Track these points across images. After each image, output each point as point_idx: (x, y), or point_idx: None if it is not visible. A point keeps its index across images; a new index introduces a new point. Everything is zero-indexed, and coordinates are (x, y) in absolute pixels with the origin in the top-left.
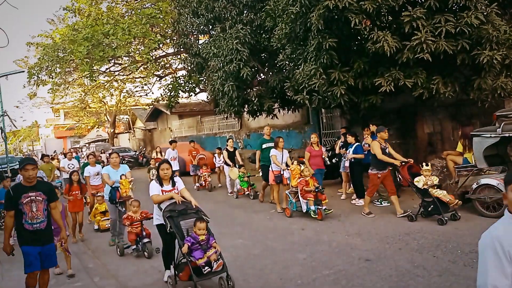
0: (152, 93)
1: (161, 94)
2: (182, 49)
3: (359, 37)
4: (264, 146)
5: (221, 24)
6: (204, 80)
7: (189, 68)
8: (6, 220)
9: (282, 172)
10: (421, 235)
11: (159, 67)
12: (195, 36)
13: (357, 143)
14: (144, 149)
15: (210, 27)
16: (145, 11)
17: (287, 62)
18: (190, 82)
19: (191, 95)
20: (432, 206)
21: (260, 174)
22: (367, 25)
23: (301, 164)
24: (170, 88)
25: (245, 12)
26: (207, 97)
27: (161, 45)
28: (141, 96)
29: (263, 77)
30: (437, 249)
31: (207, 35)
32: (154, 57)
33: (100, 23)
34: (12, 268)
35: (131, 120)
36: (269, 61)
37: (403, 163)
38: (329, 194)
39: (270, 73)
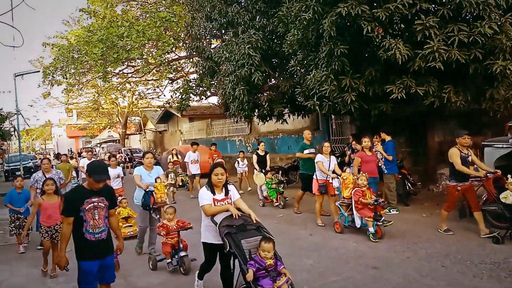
0: (164, 95)
1: (171, 96)
2: (194, 53)
3: (371, 45)
4: (306, 151)
5: (233, 28)
6: (215, 84)
7: (201, 71)
8: (64, 229)
9: (330, 181)
10: (430, 244)
11: (172, 70)
12: (207, 40)
13: None
14: (155, 150)
15: (223, 31)
16: (160, 14)
17: (298, 67)
18: (202, 86)
19: (202, 98)
20: None
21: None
22: (379, 32)
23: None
24: (181, 91)
25: (257, 17)
26: (218, 100)
27: (174, 49)
28: (153, 98)
29: (274, 82)
30: (446, 259)
31: (219, 40)
32: (167, 60)
33: (115, 25)
34: (20, 266)
35: (142, 122)
36: (280, 66)
37: (489, 174)
38: None
39: (281, 78)
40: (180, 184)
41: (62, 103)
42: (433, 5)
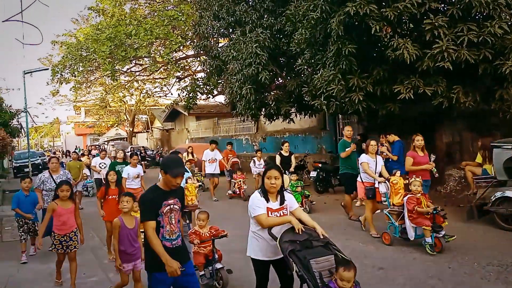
0: (171, 94)
1: (179, 94)
2: (202, 52)
3: (379, 44)
4: (348, 149)
5: (241, 27)
6: (223, 82)
7: (208, 70)
8: (150, 234)
9: (376, 185)
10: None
11: (179, 69)
12: (215, 39)
13: None
14: (162, 148)
15: (231, 30)
16: (167, 13)
17: (305, 67)
18: (209, 84)
19: (209, 97)
20: None
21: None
22: (388, 32)
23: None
24: (188, 90)
25: (265, 16)
26: (225, 99)
27: (181, 47)
28: (160, 96)
29: (281, 81)
30: (453, 261)
31: (227, 38)
32: (174, 59)
33: (123, 23)
34: (28, 261)
35: (149, 120)
36: (287, 65)
37: None
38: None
39: (288, 78)
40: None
41: (70, 100)
42: (442, 5)
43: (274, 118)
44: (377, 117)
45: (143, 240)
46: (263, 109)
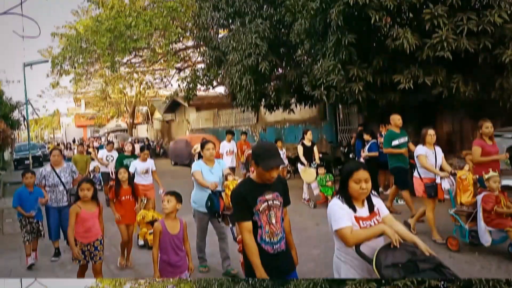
0: (171, 85)
1: (179, 85)
2: (201, 43)
3: (378, 34)
4: (395, 142)
5: (241, 18)
6: (222, 73)
7: (208, 61)
8: (246, 238)
9: (438, 181)
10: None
11: (179, 60)
12: (215, 29)
13: (373, 141)
14: (162, 139)
15: (230, 21)
16: (167, 4)
17: (305, 57)
18: (208, 75)
19: (209, 88)
20: None
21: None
22: (387, 21)
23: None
24: (188, 81)
25: (265, 6)
26: (225, 90)
27: (181, 38)
28: (160, 88)
29: (281, 71)
30: (454, 250)
31: (226, 29)
32: (174, 50)
33: (123, 15)
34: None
35: (149, 111)
36: (287, 55)
37: None
38: None
39: (288, 68)
40: None
41: (70, 92)
42: None
43: (274, 108)
44: (377, 107)
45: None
46: (263, 100)
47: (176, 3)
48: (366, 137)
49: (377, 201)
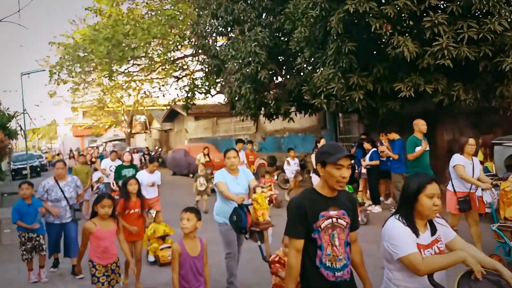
0: (169, 94)
1: (177, 94)
2: (200, 51)
3: (379, 42)
4: (418, 149)
5: (239, 26)
6: (221, 82)
7: (207, 69)
8: (292, 257)
9: (477, 193)
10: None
11: (177, 68)
12: (213, 38)
13: (374, 149)
14: (160, 149)
15: (229, 29)
16: (165, 12)
17: (305, 65)
18: (207, 84)
19: (208, 96)
20: None
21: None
22: (388, 29)
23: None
24: (187, 90)
25: (264, 15)
26: (224, 99)
27: (179, 47)
28: (158, 97)
29: (280, 80)
30: None
31: (225, 37)
32: (172, 58)
33: (121, 23)
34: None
35: (147, 121)
36: (287, 64)
37: None
38: None
39: (288, 76)
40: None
41: (67, 102)
42: (442, 2)
43: (274, 117)
44: (377, 115)
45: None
46: (263, 108)
47: (175, 11)
48: (366, 145)
49: (441, 222)
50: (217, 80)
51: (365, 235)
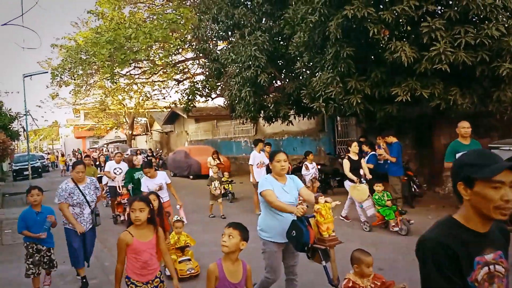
0: (170, 96)
1: (178, 98)
2: (201, 55)
3: (376, 47)
4: (459, 155)
5: (240, 30)
6: (222, 85)
7: (208, 73)
8: None
9: None
10: None
11: (178, 72)
12: (214, 42)
13: (372, 153)
14: (161, 151)
15: (229, 33)
16: (167, 16)
17: (304, 69)
18: (207, 87)
19: (208, 99)
20: None
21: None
22: (386, 35)
23: None
24: (187, 92)
25: (264, 19)
26: (224, 102)
27: (180, 50)
28: (159, 99)
29: (280, 83)
30: None
31: (226, 41)
32: (173, 62)
33: (123, 27)
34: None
35: (148, 123)
36: (286, 68)
37: None
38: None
39: (287, 80)
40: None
41: (69, 103)
42: (440, 7)
43: (273, 120)
44: (375, 119)
45: None
46: (262, 112)
47: (176, 16)
48: (365, 148)
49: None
50: (218, 83)
51: (367, 238)
